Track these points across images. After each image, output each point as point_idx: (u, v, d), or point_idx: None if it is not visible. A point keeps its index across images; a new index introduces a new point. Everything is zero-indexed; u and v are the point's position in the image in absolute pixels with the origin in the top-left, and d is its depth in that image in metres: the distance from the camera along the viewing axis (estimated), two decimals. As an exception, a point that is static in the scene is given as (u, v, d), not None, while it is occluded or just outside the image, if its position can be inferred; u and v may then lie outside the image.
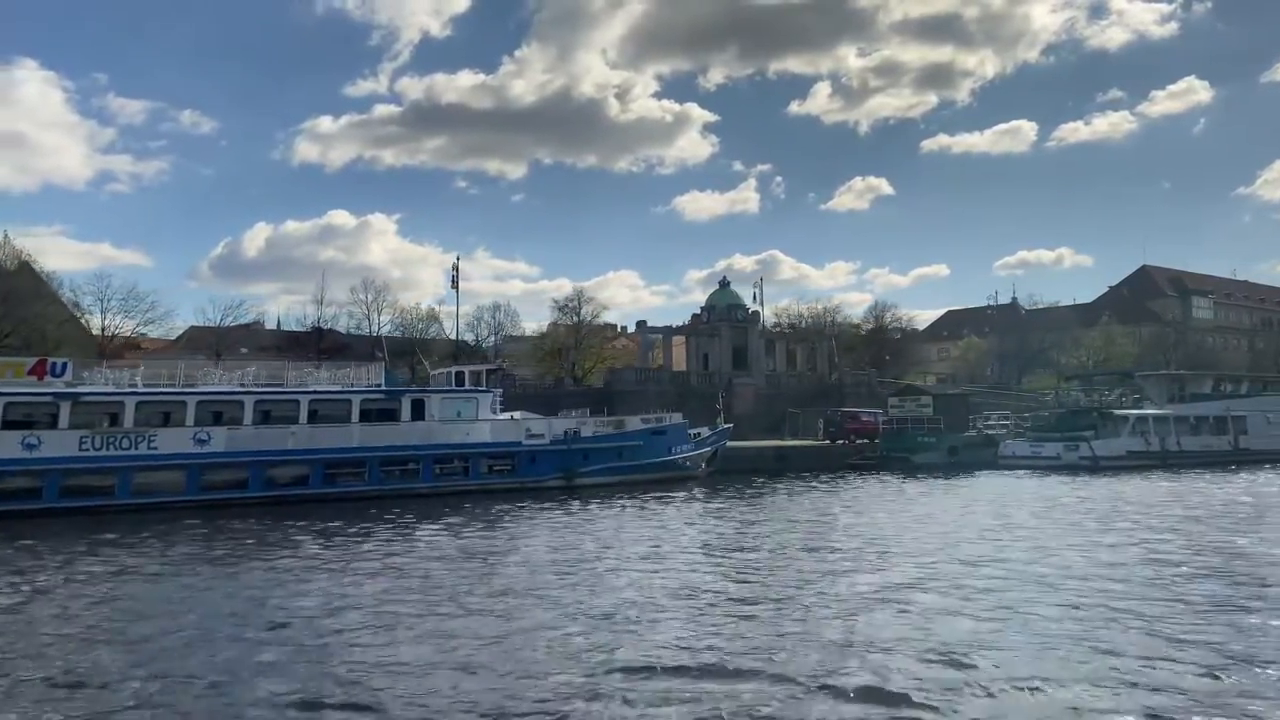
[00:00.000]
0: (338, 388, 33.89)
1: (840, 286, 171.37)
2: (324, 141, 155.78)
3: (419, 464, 33.60)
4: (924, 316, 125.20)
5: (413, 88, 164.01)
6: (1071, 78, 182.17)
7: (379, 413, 33.83)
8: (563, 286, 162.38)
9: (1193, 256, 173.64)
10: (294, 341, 77.41)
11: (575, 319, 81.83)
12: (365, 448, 32.62)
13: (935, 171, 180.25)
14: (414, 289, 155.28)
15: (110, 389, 30.45)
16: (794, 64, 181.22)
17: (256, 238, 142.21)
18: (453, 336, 78.29)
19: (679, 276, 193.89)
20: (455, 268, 63.55)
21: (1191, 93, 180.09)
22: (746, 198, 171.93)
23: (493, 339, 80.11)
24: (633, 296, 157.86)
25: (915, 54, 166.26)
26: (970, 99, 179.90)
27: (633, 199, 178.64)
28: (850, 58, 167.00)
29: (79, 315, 64.80)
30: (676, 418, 41.02)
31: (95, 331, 63.48)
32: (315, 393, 33.01)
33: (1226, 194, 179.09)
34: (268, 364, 38.22)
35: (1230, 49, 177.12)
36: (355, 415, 33.00)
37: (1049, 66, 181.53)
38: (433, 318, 67.75)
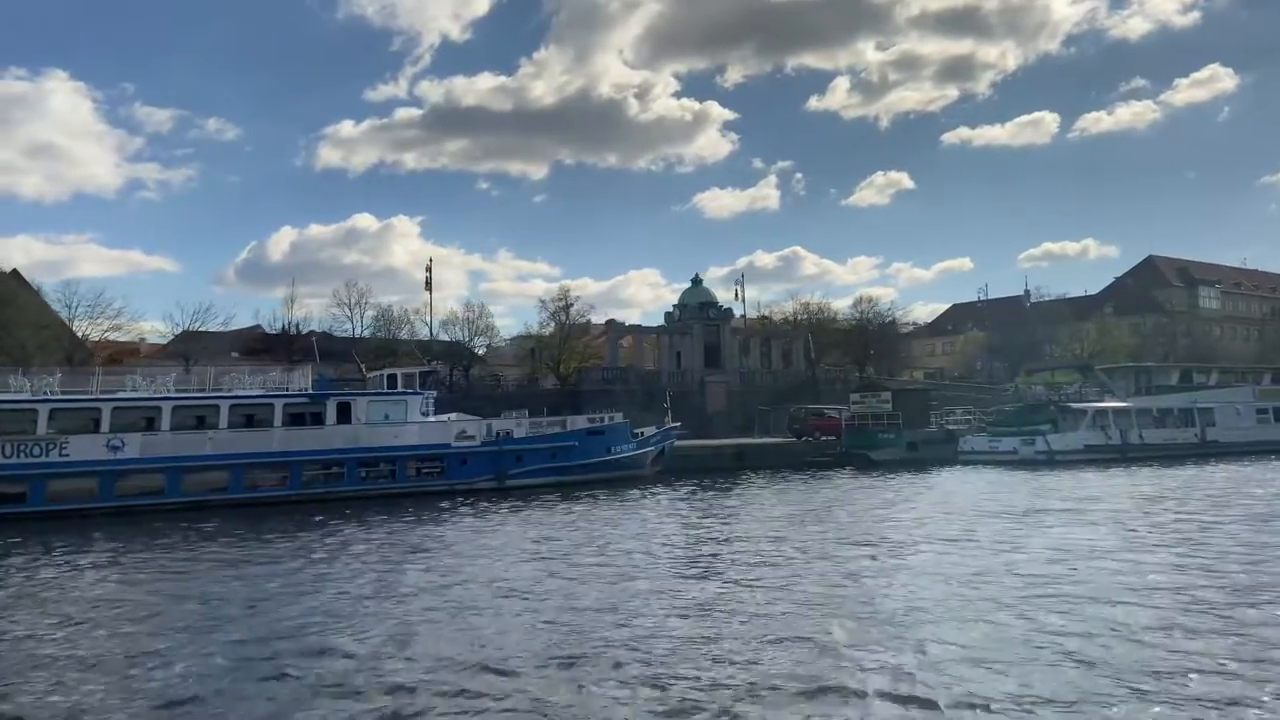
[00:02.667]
0: (260, 392, 33.97)
1: (863, 281, 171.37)
2: (346, 146, 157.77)
3: (343, 467, 33.67)
4: (932, 310, 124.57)
5: (433, 91, 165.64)
6: (1093, 68, 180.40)
7: (304, 416, 33.94)
8: (585, 286, 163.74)
9: (1216, 246, 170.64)
10: (288, 345, 77.89)
11: (564, 317, 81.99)
12: (286, 452, 32.69)
13: (957, 165, 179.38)
14: (437, 290, 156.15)
15: (25, 396, 30.73)
16: (812, 59, 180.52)
17: (281, 242, 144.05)
18: (444, 338, 78.76)
19: (701, 274, 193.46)
20: (429, 269, 63.67)
21: (1216, 80, 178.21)
22: (767, 195, 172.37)
23: (477, 340, 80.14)
24: (654, 295, 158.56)
25: (935, 47, 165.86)
26: (991, 91, 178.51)
27: (653, 198, 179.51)
28: (869, 52, 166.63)
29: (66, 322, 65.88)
30: (618, 418, 40.76)
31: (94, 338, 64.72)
32: (236, 397, 33.13)
33: (1252, 182, 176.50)
34: (228, 369, 38.52)
35: (1254, 36, 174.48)
36: (279, 419, 33.10)
37: (1070, 57, 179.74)
38: (405, 320, 67.67)
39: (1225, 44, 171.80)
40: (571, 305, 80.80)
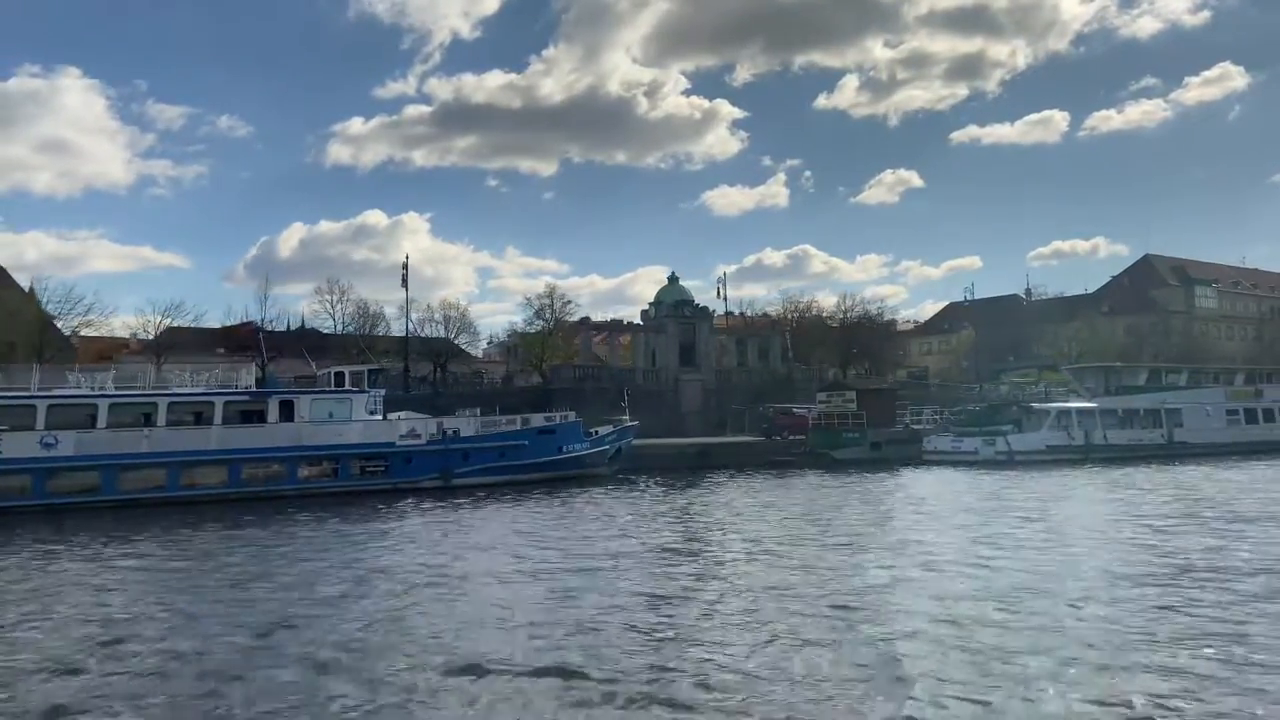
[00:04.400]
0: (200, 390, 33.97)
1: (872, 279, 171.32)
2: (355, 143, 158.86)
3: (284, 465, 33.64)
4: (929, 309, 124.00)
5: (442, 88, 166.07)
6: (1103, 67, 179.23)
7: (246, 415, 33.94)
8: (594, 283, 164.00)
9: (1226, 244, 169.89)
10: (274, 342, 78.06)
11: (550, 315, 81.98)
12: (225, 450, 32.68)
13: (966, 163, 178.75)
14: (446, 286, 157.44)
15: (-43, 395, 30.81)
16: (820, 57, 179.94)
17: (291, 238, 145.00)
18: (425, 334, 78.75)
19: (709, 272, 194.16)
20: (405, 266, 63.56)
21: (1227, 79, 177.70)
22: (776, 192, 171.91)
23: (461, 337, 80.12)
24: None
25: (944, 45, 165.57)
26: (1000, 90, 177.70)
27: (662, 195, 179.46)
28: (877, 50, 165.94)
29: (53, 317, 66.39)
30: (570, 416, 40.61)
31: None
32: (175, 395, 33.16)
33: (1263, 180, 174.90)
34: (192, 365, 38.64)
35: (1265, 35, 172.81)
36: (219, 417, 33.09)
37: (1080, 56, 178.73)
38: (381, 316, 67.71)
39: (1236, 43, 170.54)
40: (567, 303, 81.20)
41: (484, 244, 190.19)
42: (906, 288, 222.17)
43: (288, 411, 34.22)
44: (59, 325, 57.02)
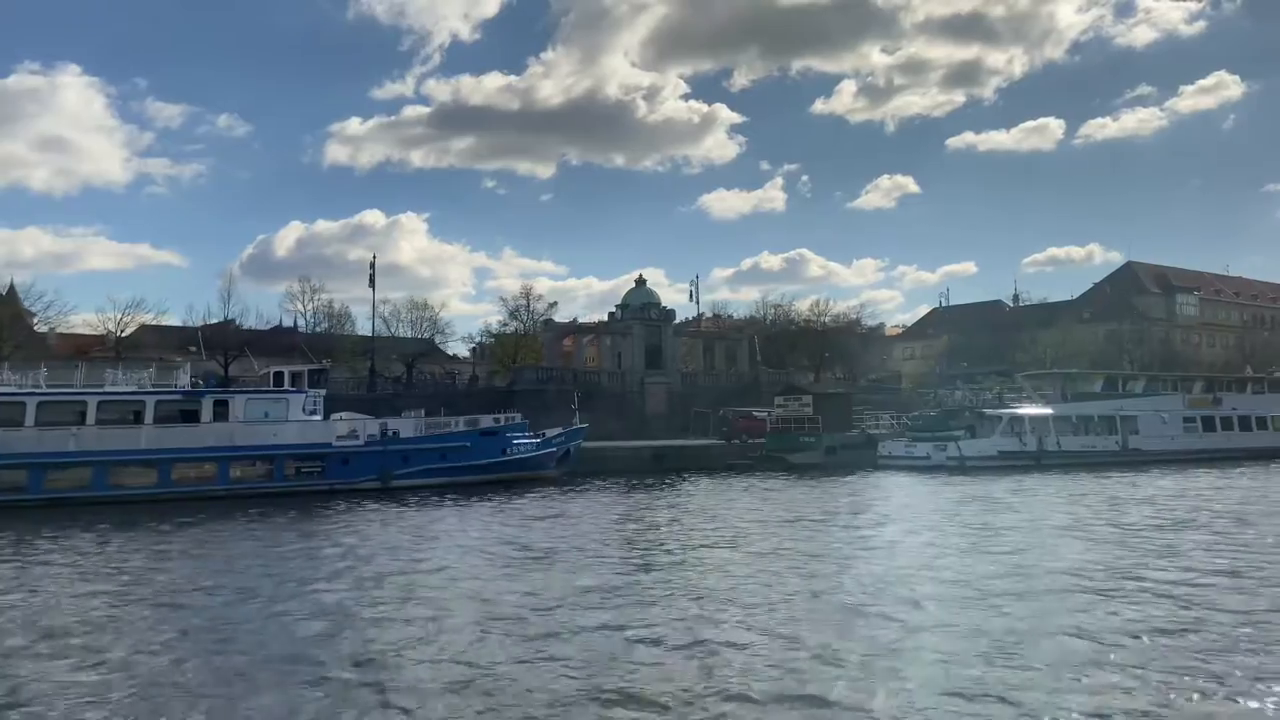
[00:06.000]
0: (131, 389, 33.72)
1: (869, 284, 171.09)
2: (353, 144, 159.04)
3: (215, 466, 33.40)
4: (924, 314, 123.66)
5: (440, 90, 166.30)
6: (1099, 75, 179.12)
7: (180, 414, 33.71)
8: (590, 285, 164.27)
9: (1219, 252, 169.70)
10: (254, 340, 77.80)
11: (527, 316, 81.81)
12: (154, 450, 32.44)
13: (962, 169, 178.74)
14: (443, 288, 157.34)
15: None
16: (817, 62, 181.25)
17: (287, 237, 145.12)
18: (400, 334, 78.54)
19: (705, 275, 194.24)
20: (372, 265, 63.24)
21: (1222, 88, 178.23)
22: (773, 197, 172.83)
23: (438, 337, 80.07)
24: (659, 295, 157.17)
25: (941, 52, 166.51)
26: (996, 97, 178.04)
27: (660, 198, 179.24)
28: (874, 55, 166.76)
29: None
30: (515, 418, 40.41)
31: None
32: (106, 394, 32.92)
33: (1258, 189, 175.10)
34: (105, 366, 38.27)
35: (1261, 45, 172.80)
36: (150, 416, 32.86)
37: (1075, 65, 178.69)
38: (346, 316, 67.55)
39: (1231, 52, 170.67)
40: (553, 305, 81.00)
41: (481, 245, 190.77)
42: (902, 292, 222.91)
43: (222, 411, 34.01)
44: (47, 324, 56.79)
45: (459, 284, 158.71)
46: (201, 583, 16.75)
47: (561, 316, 79.72)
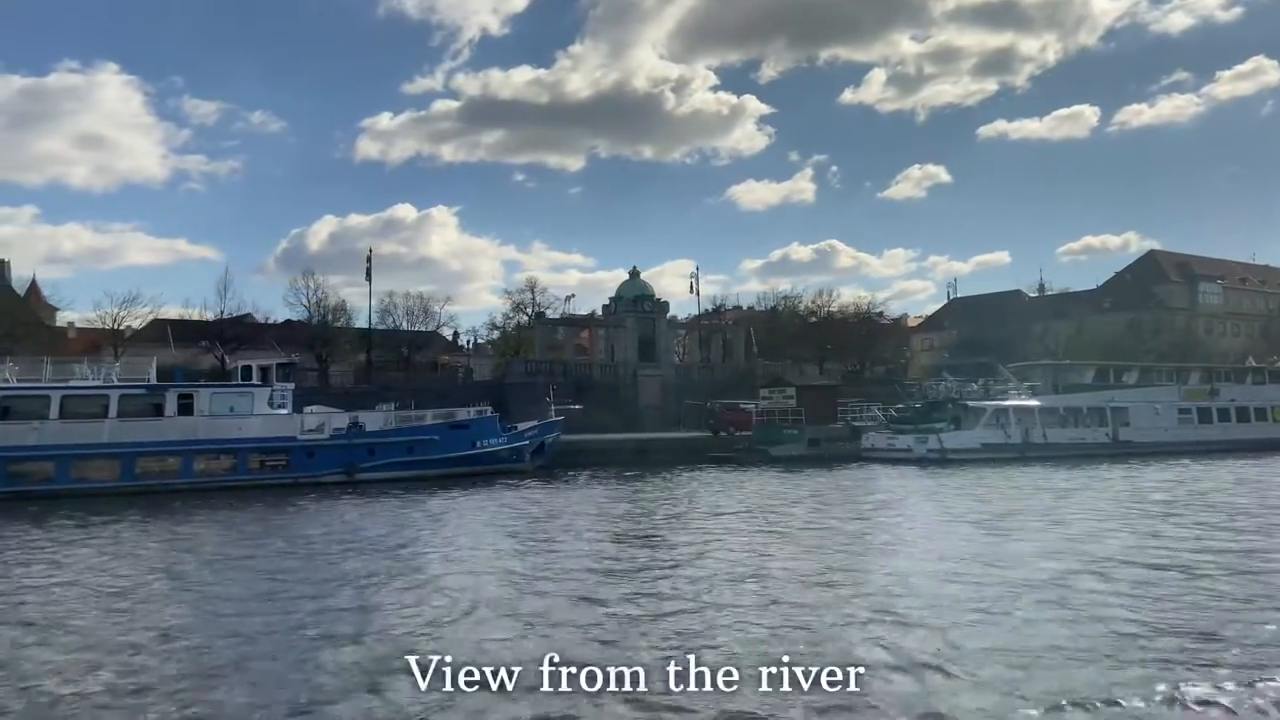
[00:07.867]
0: (95, 383, 34.02)
1: (900, 274, 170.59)
2: (385, 138, 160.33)
3: (179, 459, 33.64)
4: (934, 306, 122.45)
5: (469, 84, 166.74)
6: (1134, 61, 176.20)
7: (143, 408, 33.97)
8: (620, 277, 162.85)
9: (1256, 241, 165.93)
10: (262, 334, 78.49)
11: (530, 309, 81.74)
12: (116, 443, 32.71)
13: (994, 158, 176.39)
14: (473, 281, 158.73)
15: None
16: (846, 52, 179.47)
17: (320, 231, 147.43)
18: (401, 328, 78.72)
19: (734, 266, 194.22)
20: (369, 259, 63.59)
21: (1260, 73, 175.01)
22: (803, 188, 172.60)
23: (444, 329, 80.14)
24: (687, 286, 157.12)
25: (973, 40, 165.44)
26: (1029, 84, 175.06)
27: (689, 190, 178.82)
28: (904, 44, 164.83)
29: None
30: (486, 411, 40.29)
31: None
32: (69, 388, 33.26)
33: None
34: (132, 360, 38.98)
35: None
36: (114, 411, 33.14)
37: (1110, 51, 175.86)
38: (341, 309, 67.84)
39: (1270, 36, 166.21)
40: (570, 298, 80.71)
41: (511, 238, 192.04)
42: (934, 283, 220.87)
43: (187, 405, 34.23)
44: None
45: (489, 277, 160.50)
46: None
47: (590, 309, 79.20)
